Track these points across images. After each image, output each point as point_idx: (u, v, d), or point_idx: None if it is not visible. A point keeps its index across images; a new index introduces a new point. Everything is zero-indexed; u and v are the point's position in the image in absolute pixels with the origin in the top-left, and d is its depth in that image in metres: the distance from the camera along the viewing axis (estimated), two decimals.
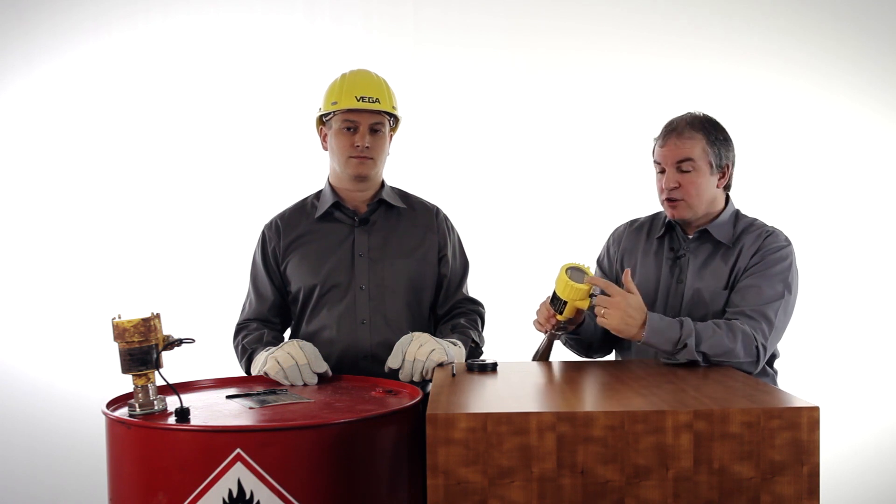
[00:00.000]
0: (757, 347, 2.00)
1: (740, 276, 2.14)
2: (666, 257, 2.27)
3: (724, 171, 2.20)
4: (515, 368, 2.00)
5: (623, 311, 1.96)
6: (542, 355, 2.19)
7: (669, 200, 2.18)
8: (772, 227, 2.22)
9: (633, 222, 2.43)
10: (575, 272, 2.05)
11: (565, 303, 2.06)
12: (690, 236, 2.24)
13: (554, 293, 2.09)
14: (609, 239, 2.46)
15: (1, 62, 3.62)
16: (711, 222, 2.21)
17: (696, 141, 2.16)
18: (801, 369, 3.44)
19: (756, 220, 2.26)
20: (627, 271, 2.06)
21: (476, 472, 1.46)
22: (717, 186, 2.20)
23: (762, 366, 2.07)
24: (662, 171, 2.20)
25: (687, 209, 2.18)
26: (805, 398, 1.54)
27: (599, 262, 2.46)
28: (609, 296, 1.99)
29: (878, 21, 3.61)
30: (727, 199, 2.27)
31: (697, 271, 2.19)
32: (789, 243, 2.18)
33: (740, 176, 3.69)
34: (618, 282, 2.30)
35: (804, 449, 1.46)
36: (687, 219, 2.20)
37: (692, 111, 2.24)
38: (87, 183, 3.66)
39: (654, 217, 2.39)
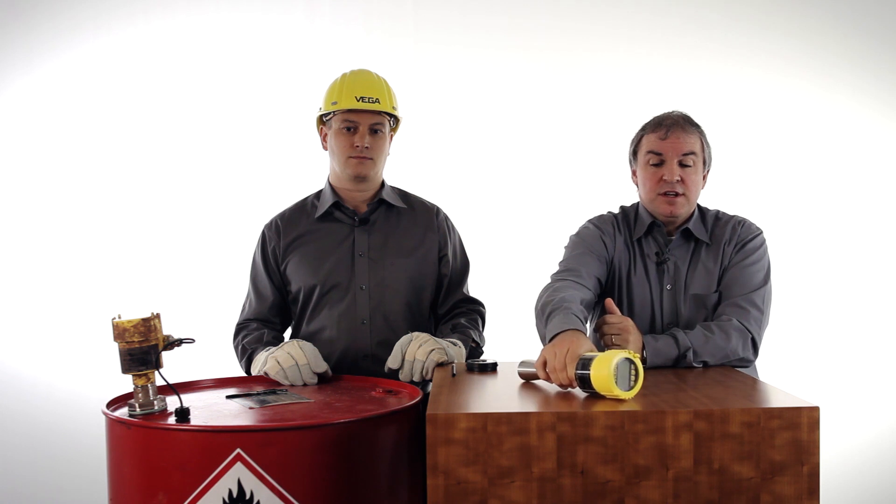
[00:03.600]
0: (753, 339, 2.01)
1: (725, 272, 2.12)
2: (648, 260, 2.19)
3: (707, 170, 2.20)
4: (515, 368, 2.00)
5: (634, 343, 1.93)
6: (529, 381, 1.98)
7: (667, 195, 2.10)
8: (738, 216, 2.21)
9: (614, 220, 2.26)
10: (622, 368, 1.60)
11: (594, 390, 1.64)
12: (672, 238, 2.17)
13: (588, 377, 1.61)
14: (597, 227, 2.24)
15: (1, 62, 3.62)
16: (688, 221, 2.17)
17: (697, 137, 2.14)
18: (801, 369, 3.45)
19: (719, 210, 2.23)
20: (609, 300, 2.02)
21: (476, 472, 1.46)
22: (702, 186, 2.19)
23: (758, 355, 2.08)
24: (658, 164, 2.12)
25: (685, 204, 2.12)
26: (805, 398, 1.54)
27: (584, 239, 2.23)
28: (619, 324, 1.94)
29: (878, 21, 3.61)
30: None
31: (692, 276, 2.14)
32: (761, 231, 2.17)
33: (742, 175, 3.70)
34: (614, 275, 2.21)
35: (804, 449, 1.46)
36: (680, 215, 2.14)
37: (677, 109, 2.20)
38: (88, 183, 3.66)
39: (625, 216, 2.26)
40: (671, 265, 2.16)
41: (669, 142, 2.10)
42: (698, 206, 2.22)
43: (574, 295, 1.98)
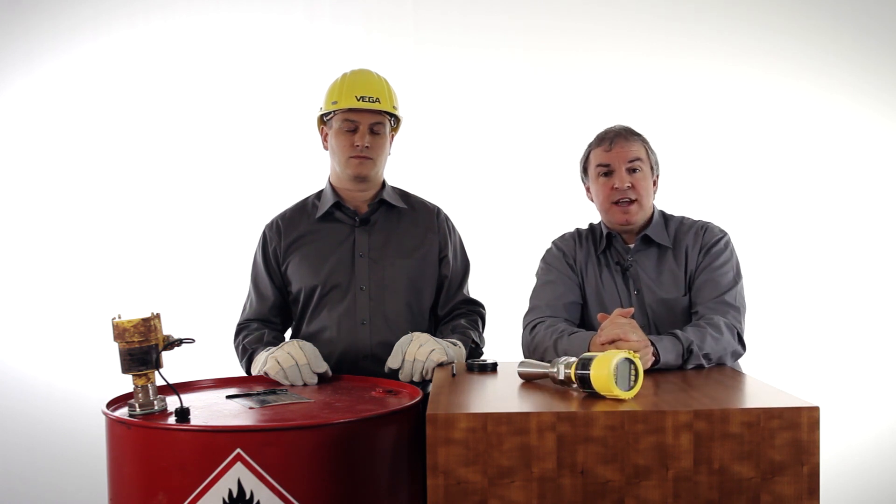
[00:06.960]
0: (738, 333, 2.06)
1: (695, 277, 2.17)
2: (614, 271, 2.24)
3: (657, 176, 2.26)
4: (515, 368, 2.00)
5: (647, 350, 1.87)
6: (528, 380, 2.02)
7: (621, 203, 2.18)
8: (701, 221, 2.27)
9: (577, 236, 2.33)
10: (622, 368, 1.59)
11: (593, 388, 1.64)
12: (632, 245, 2.24)
13: (588, 377, 1.62)
14: (559, 249, 2.32)
15: (1, 62, 3.62)
16: (648, 227, 2.23)
17: (640, 144, 2.23)
18: (801, 369, 3.45)
19: (683, 217, 2.30)
20: (602, 315, 1.96)
21: (476, 472, 1.46)
22: (654, 191, 2.25)
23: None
24: (607, 175, 2.20)
25: (639, 210, 2.19)
26: (805, 398, 1.54)
27: (550, 264, 2.30)
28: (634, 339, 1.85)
29: (878, 21, 3.61)
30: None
31: (655, 281, 2.19)
32: (725, 233, 2.23)
33: (742, 175, 3.69)
34: (582, 291, 2.26)
35: (804, 449, 1.46)
36: (636, 222, 2.20)
37: (619, 123, 2.29)
38: (88, 183, 3.66)
39: (591, 231, 2.34)
40: (635, 271, 2.21)
41: (615, 152, 2.20)
42: (662, 212, 2.29)
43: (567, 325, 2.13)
